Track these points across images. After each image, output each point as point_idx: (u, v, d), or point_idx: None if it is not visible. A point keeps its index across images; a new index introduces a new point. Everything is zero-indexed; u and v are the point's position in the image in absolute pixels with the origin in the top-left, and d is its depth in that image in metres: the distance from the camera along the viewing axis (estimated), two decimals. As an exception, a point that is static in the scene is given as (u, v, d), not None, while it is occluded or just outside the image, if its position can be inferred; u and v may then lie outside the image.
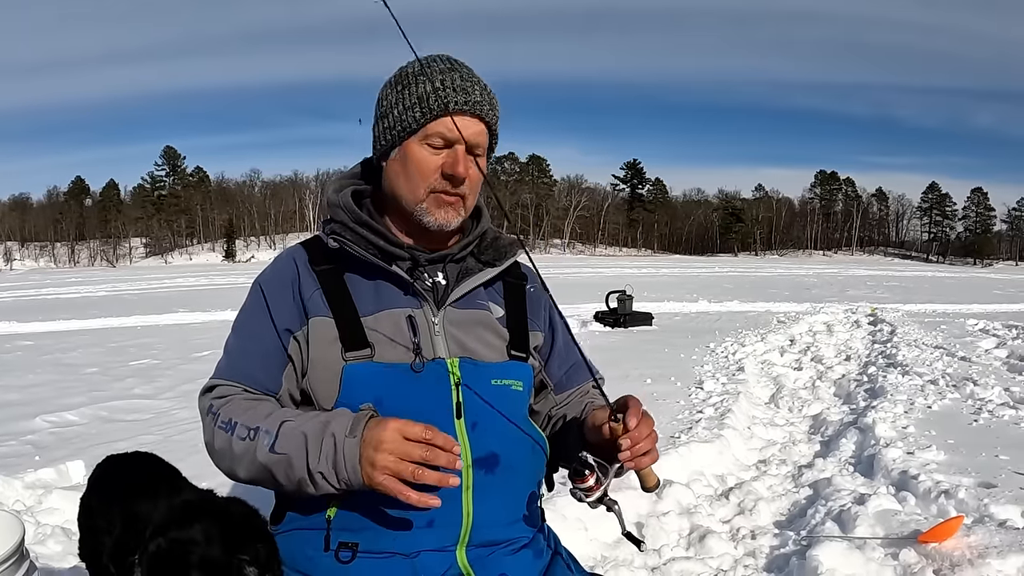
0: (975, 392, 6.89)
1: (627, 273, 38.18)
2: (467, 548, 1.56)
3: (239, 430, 1.52)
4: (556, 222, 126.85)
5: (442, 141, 1.62)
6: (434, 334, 1.63)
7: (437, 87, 1.60)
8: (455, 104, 1.60)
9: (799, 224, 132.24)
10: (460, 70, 1.65)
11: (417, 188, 1.64)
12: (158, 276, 46.97)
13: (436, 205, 1.65)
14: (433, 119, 1.61)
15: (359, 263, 1.65)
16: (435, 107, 1.60)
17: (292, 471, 1.46)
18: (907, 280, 37.00)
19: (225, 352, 1.69)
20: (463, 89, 1.62)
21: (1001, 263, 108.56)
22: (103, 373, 9.00)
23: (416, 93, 1.62)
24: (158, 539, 1.42)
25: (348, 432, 1.42)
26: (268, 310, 1.65)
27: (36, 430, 6.05)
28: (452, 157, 1.62)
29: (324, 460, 1.42)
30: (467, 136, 1.61)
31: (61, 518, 3.83)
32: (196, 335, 13.13)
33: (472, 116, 1.63)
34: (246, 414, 1.54)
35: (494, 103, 1.68)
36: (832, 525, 3.79)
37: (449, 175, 1.62)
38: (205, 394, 1.64)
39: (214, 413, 1.58)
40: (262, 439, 1.48)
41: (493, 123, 1.68)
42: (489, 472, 1.58)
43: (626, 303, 14.07)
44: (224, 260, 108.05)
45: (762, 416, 6.78)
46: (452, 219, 1.67)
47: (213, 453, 1.60)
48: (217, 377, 1.65)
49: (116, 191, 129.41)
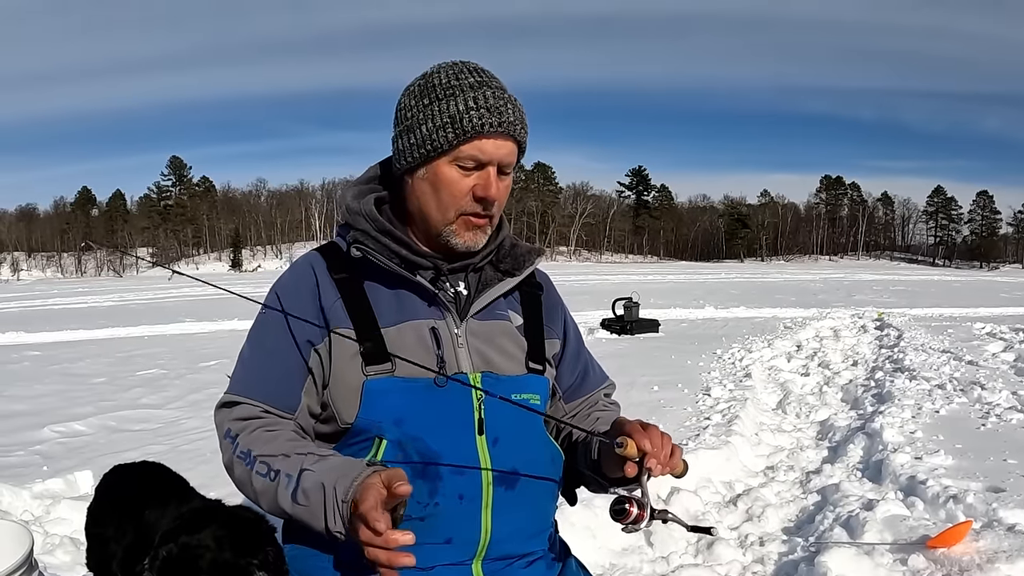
0: (983, 396, 6.86)
1: (633, 280, 38.18)
2: (483, 562, 1.56)
3: (259, 466, 1.48)
4: (562, 229, 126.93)
5: (474, 163, 1.56)
6: (457, 346, 1.61)
7: (471, 107, 1.53)
8: (490, 127, 1.53)
9: (805, 229, 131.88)
10: (491, 85, 1.58)
11: (447, 210, 1.59)
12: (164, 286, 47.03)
13: (465, 228, 1.60)
14: (466, 141, 1.54)
15: (380, 272, 1.61)
16: (469, 129, 1.53)
17: (313, 522, 1.41)
18: (913, 284, 36.90)
19: (240, 364, 1.64)
20: (497, 110, 1.54)
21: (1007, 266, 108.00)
22: (110, 383, 9.03)
23: (448, 112, 1.54)
24: (169, 544, 1.42)
25: (344, 497, 1.35)
26: (287, 322, 1.59)
27: (44, 440, 6.07)
28: (484, 179, 1.57)
29: (338, 521, 1.37)
30: (499, 157, 1.57)
31: (69, 528, 3.84)
32: (203, 345, 13.15)
33: (506, 137, 1.57)
34: (265, 448, 1.50)
35: (525, 120, 1.61)
36: (840, 531, 3.78)
37: (481, 198, 1.57)
38: (221, 410, 1.60)
39: (232, 438, 1.54)
40: (283, 483, 1.44)
41: (524, 141, 1.62)
42: (509, 489, 1.57)
43: (632, 310, 14.05)
44: (230, 270, 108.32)
45: (769, 422, 6.77)
46: (480, 241, 1.64)
47: (232, 477, 1.56)
48: (234, 392, 1.60)
49: (122, 201, 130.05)
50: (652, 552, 3.83)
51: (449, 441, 1.52)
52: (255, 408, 1.58)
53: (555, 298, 1.87)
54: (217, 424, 1.60)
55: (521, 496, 1.59)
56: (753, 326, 15.07)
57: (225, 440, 1.56)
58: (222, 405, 1.61)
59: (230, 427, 1.56)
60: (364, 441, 1.54)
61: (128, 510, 2.16)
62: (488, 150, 1.55)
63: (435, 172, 1.58)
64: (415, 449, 1.51)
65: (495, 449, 1.56)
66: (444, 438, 1.50)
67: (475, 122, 1.53)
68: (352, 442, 1.55)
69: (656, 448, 1.46)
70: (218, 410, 1.61)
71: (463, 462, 1.52)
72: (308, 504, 1.41)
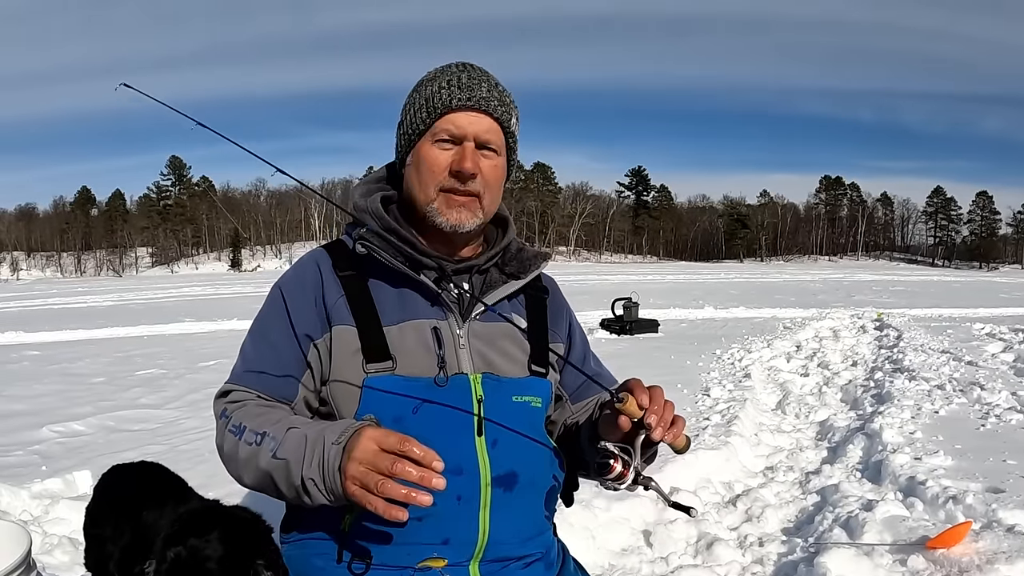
0: (982, 397, 6.86)
1: (632, 280, 38.19)
2: (480, 563, 1.56)
3: (247, 435, 1.49)
4: (561, 229, 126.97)
5: (449, 137, 1.61)
6: (459, 347, 1.61)
7: (443, 87, 1.60)
8: (458, 100, 1.59)
9: (804, 230, 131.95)
10: (470, 70, 1.64)
11: (428, 187, 1.62)
12: (164, 285, 47.06)
13: (447, 205, 1.62)
14: (439, 116, 1.60)
15: (385, 270, 1.62)
16: (439, 105, 1.59)
17: (290, 476, 1.42)
18: (913, 284, 36.91)
19: (241, 356, 1.66)
20: (468, 86, 1.60)
21: (1007, 266, 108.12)
22: (110, 383, 9.02)
23: (424, 95, 1.62)
24: (177, 547, 1.42)
25: (335, 439, 1.38)
26: (288, 316, 1.61)
27: (43, 440, 6.06)
28: (459, 154, 1.60)
29: (315, 466, 1.38)
30: (474, 132, 1.60)
31: (68, 528, 3.83)
32: (202, 344, 13.14)
33: (479, 112, 1.61)
34: (256, 419, 1.52)
35: (505, 100, 1.65)
36: (840, 532, 3.78)
37: (457, 171, 1.60)
38: (220, 398, 1.62)
39: (227, 416, 1.56)
40: (267, 444, 1.45)
41: (505, 120, 1.64)
42: (507, 490, 1.57)
43: (632, 310, 14.05)
44: (230, 269, 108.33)
45: (769, 423, 6.77)
46: (466, 220, 1.63)
47: (223, 456, 1.58)
48: (233, 382, 1.62)
49: (122, 201, 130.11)
50: (651, 552, 3.83)
51: (447, 441, 1.51)
52: (251, 394, 1.60)
53: (560, 302, 1.87)
54: (215, 412, 1.62)
55: (520, 498, 1.59)
56: (752, 326, 15.07)
57: (220, 421, 1.58)
58: (220, 394, 1.63)
59: (225, 407, 1.59)
60: None
61: (126, 510, 2.16)
62: (461, 123, 1.60)
63: (418, 154, 1.64)
64: None
65: (494, 450, 1.56)
66: (442, 438, 1.50)
67: (444, 97, 1.60)
68: None
69: (657, 407, 1.45)
70: (216, 399, 1.63)
71: (461, 462, 1.52)
72: (287, 456, 1.42)
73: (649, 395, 1.46)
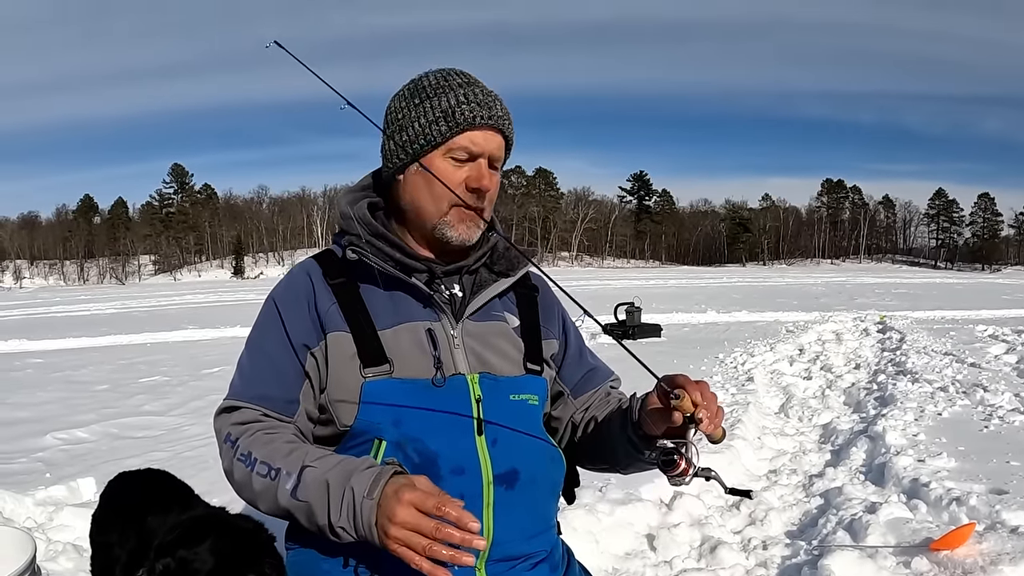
0: (985, 398, 6.86)
1: (635, 285, 38.16)
2: (487, 564, 1.56)
3: (259, 467, 1.48)
4: (563, 234, 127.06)
5: (466, 155, 1.61)
6: (454, 347, 1.62)
7: (462, 101, 1.60)
8: (481, 119, 1.60)
9: (806, 233, 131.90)
10: (478, 84, 1.66)
11: (441, 201, 1.62)
12: (167, 293, 47.12)
13: (459, 219, 1.63)
14: (459, 132, 1.60)
15: (375, 276, 1.62)
16: (461, 121, 1.59)
17: (314, 518, 1.42)
18: (915, 287, 36.86)
19: (239, 370, 1.65)
20: (486, 104, 1.62)
21: (1009, 268, 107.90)
22: (113, 390, 9.04)
23: (440, 107, 1.60)
24: (166, 558, 1.42)
25: (367, 493, 1.35)
26: (283, 326, 1.61)
27: (47, 447, 6.08)
28: (476, 171, 1.62)
29: (345, 516, 1.37)
30: (490, 150, 1.63)
31: (72, 535, 3.84)
32: (205, 352, 13.17)
33: (495, 130, 1.63)
34: (265, 448, 1.50)
35: (510, 118, 1.68)
36: (843, 534, 3.78)
37: (475, 188, 1.61)
38: (220, 415, 1.61)
39: (232, 442, 1.55)
40: (283, 482, 1.45)
41: (511, 137, 1.68)
42: (509, 488, 1.58)
43: (634, 315, 14.06)
44: (233, 276, 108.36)
45: (772, 426, 6.77)
46: (474, 234, 1.66)
47: (232, 482, 1.56)
48: (233, 398, 1.61)
49: (124, 209, 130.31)
50: (655, 556, 3.83)
51: (448, 441, 1.52)
52: (254, 412, 1.59)
53: (551, 299, 1.88)
54: (216, 430, 1.61)
55: (521, 496, 1.60)
56: (755, 330, 15.06)
57: (225, 444, 1.57)
58: (221, 411, 1.62)
59: (230, 431, 1.57)
60: (364, 443, 1.54)
61: (131, 517, 2.17)
62: (479, 142, 1.61)
63: (431, 166, 1.62)
64: (414, 450, 1.52)
65: (494, 449, 1.57)
66: (443, 438, 1.51)
67: (467, 115, 1.60)
68: (352, 444, 1.56)
69: (709, 402, 1.46)
70: (217, 416, 1.62)
71: (463, 462, 1.53)
72: (309, 500, 1.42)
73: (700, 390, 1.47)
